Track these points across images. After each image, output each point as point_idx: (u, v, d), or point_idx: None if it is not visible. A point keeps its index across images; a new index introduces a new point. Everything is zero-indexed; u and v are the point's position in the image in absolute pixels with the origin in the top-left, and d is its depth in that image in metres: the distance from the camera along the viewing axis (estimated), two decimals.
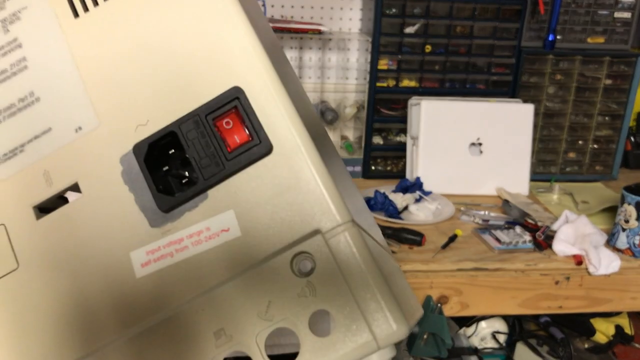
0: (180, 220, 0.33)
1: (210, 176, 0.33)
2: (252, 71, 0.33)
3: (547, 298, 1.13)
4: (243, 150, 0.33)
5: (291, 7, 1.49)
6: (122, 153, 0.34)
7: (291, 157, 0.32)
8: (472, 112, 1.42)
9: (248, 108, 0.33)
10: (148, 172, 0.34)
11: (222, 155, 0.32)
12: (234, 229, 0.32)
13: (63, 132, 0.36)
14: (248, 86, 0.33)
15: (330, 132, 1.57)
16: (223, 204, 0.33)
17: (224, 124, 0.33)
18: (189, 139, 0.33)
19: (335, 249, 0.31)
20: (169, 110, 0.34)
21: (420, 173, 1.40)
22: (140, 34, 0.35)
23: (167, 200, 0.33)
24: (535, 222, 1.24)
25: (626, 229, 1.14)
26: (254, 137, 0.32)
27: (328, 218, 0.31)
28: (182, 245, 0.33)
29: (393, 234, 1.15)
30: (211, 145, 0.33)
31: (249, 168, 0.33)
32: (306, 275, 0.31)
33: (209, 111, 0.33)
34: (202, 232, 0.33)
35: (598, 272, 1.10)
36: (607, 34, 1.52)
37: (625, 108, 1.53)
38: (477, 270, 1.09)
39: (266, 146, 0.32)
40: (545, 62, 1.48)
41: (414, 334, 1.10)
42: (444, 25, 1.44)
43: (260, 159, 0.33)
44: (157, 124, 0.34)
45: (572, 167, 1.58)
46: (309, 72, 1.53)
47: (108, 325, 0.32)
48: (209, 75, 0.34)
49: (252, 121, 0.32)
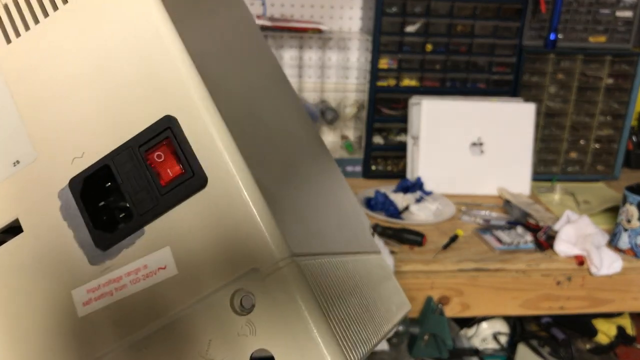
0: (119, 258, 0.32)
1: (145, 212, 0.31)
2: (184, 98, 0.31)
3: (549, 298, 1.12)
4: (176, 184, 0.31)
5: (291, 6, 1.49)
6: (60, 187, 0.33)
7: (227, 191, 0.30)
8: (473, 112, 1.41)
9: (181, 139, 0.31)
10: (85, 207, 0.33)
11: (155, 189, 0.31)
12: (170, 266, 0.31)
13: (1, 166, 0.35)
14: (182, 115, 0.31)
15: (331, 132, 1.56)
16: (159, 241, 0.31)
17: (155, 157, 0.31)
18: (122, 172, 0.32)
19: (273, 286, 0.30)
20: (103, 142, 0.32)
21: (421, 173, 1.40)
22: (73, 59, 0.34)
23: (104, 237, 0.32)
24: (536, 222, 1.24)
25: (628, 229, 1.13)
26: (187, 170, 0.31)
27: (266, 254, 0.30)
28: (121, 283, 0.32)
29: (394, 234, 1.14)
30: (144, 179, 0.31)
31: (184, 203, 0.31)
32: (246, 313, 0.30)
33: (140, 143, 0.31)
34: (139, 270, 0.32)
35: (600, 272, 1.09)
36: (609, 33, 1.51)
37: (627, 107, 1.53)
38: (478, 270, 1.08)
39: (200, 179, 0.30)
40: (546, 62, 1.48)
41: (414, 335, 1.10)
42: (445, 24, 1.44)
43: (194, 193, 0.31)
44: (92, 156, 0.32)
45: (573, 167, 1.57)
46: (309, 72, 1.53)
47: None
48: (141, 103, 0.32)
49: (185, 153, 0.31)
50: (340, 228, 0.46)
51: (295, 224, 0.35)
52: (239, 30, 0.46)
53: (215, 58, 0.37)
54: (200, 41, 0.35)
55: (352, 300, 0.37)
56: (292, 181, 0.39)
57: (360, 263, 0.45)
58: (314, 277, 0.33)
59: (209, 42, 0.38)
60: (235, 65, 0.41)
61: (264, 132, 0.39)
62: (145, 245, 0.32)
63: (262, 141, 0.37)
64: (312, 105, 1.50)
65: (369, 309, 0.41)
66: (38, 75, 0.35)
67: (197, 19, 0.38)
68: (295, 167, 0.42)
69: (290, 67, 1.51)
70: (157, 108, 0.32)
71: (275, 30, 1.42)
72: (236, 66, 0.41)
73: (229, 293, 0.30)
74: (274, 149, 0.39)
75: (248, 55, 0.46)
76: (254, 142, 0.35)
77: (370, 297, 0.42)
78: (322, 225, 0.41)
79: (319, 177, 0.47)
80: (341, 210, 0.49)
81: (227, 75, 0.37)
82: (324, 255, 0.37)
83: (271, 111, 0.43)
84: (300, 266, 0.31)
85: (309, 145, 0.49)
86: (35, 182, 0.34)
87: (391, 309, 0.46)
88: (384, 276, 0.50)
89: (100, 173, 0.33)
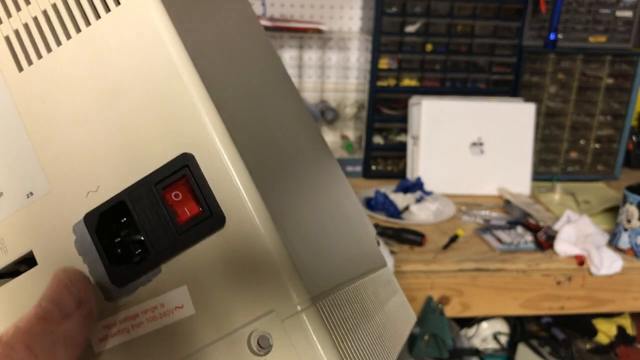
0: (135, 295, 0.32)
1: (162, 250, 0.31)
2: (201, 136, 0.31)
3: (549, 298, 1.12)
4: (194, 223, 0.30)
5: (291, 6, 1.49)
6: (75, 221, 0.33)
7: (245, 231, 0.30)
8: (473, 112, 1.41)
9: (199, 177, 0.30)
10: (100, 243, 0.32)
11: (173, 228, 0.31)
12: (187, 305, 0.31)
13: (15, 198, 0.34)
14: (199, 152, 0.31)
15: (331, 132, 1.56)
16: (176, 279, 0.31)
17: (172, 196, 0.31)
18: (139, 209, 0.31)
19: (291, 329, 0.29)
20: (119, 177, 0.32)
21: (421, 173, 1.40)
22: (84, 90, 0.33)
23: (120, 274, 0.32)
24: (536, 222, 1.24)
25: (628, 229, 1.13)
26: (205, 209, 0.30)
27: (284, 298, 0.30)
28: (138, 321, 0.32)
29: (394, 234, 1.14)
30: (162, 217, 0.31)
31: (202, 242, 0.31)
32: (264, 354, 0.30)
33: (157, 180, 0.31)
34: (156, 308, 0.31)
35: (600, 272, 1.09)
36: (609, 33, 1.51)
37: (627, 107, 1.52)
38: (478, 270, 1.08)
39: (218, 219, 0.30)
40: (546, 61, 1.48)
41: (414, 335, 1.09)
42: (445, 24, 1.44)
43: (212, 232, 0.30)
44: (107, 191, 0.32)
45: (573, 167, 1.57)
46: (309, 72, 1.53)
47: None
48: (158, 138, 0.31)
49: (203, 191, 0.30)
50: (350, 247, 0.45)
51: (311, 259, 0.34)
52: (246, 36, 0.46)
53: (228, 81, 0.36)
54: (214, 67, 0.35)
55: (363, 331, 0.37)
56: (303, 204, 0.38)
57: (369, 284, 0.44)
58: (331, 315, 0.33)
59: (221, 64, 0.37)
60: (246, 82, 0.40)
61: (275, 155, 0.38)
62: (162, 284, 0.32)
63: (274, 165, 0.37)
64: (312, 105, 1.50)
65: (380, 335, 0.41)
66: (50, 105, 0.34)
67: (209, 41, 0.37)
68: (305, 186, 0.41)
69: (290, 67, 1.51)
70: (174, 143, 0.32)
71: (275, 30, 1.42)
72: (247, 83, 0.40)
73: (246, 333, 0.30)
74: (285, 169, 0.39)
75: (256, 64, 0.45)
76: (268, 171, 0.35)
77: (380, 322, 0.42)
78: (334, 250, 0.40)
79: (327, 192, 0.46)
80: (349, 224, 0.48)
81: (240, 98, 0.37)
82: (338, 287, 0.36)
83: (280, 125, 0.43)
84: (320, 309, 0.31)
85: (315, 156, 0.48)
86: (49, 215, 0.34)
87: (399, 329, 0.46)
88: (391, 292, 0.50)
89: (116, 208, 0.33)
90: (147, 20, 0.33)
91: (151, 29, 0.33)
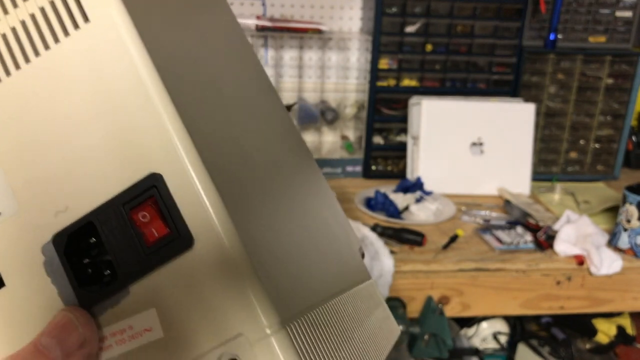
0: (104, 317, 0.31)
1: (130, 271, 0.31)
2: (170, 156, 0.30)
3: (549, 298, 1.12)
4: (162, 245, 0.30)
5: (291, 7, 1.49)
6: (44, 241, 0.32)
7: (214, 253, 0.29)
8: (473, 112, 1.41)
9: (166, 198, 0.30)
10: (69, 264, 0.32)
11: (140, 249, 0.30)
12: (156, 328, 0.30)
13: None
14: (167, 172, 0.30)
15: (331, 132, 1.56)
16: (145, 302, 0.30)
17: (140, 217, 0.30)
18: (106, 230, 0.31)
19: (260, 354, 0.29)
20: (88, 197, 0.31)
21: (421, 173, 1.40)
22: (53, 110, 0.33)
23: (88, 296, 0.32)
24: (536, 222, 1.24)
25: (628, 229, 1.13)
26: (173, 230, 0.29)
27: (253, 321, 0.29)
28: (107, 343, 0.31)
29: (394, 234, 1.15)
30: (129, 239, 0.30)
31: (170, 263, 0.30)
32: None
33: (125, 200, 0.30)
34: (125, 331, 0.31)
35: (600, 272, 1.09)
36: (609, 33, 1.51)
37: (627, 107, 1.53)
38: (478, 270, 1.08)
39: (186, 240, 0.29)
40: (546, 62, 1.48)
41: (414, 335, 1.10)
42: (445, 25, 1.44)
43: (180, 253, 0.30)
44: (76, 211, 0.31)
45: (573, 167, 1.57)
46: (309, 72, 1.53)
47: None
48: (127, 159, 0.31)
49: (171, 212, 0.30)
50: (329, 264, 0.44)
51: (285, 280, 0.34)
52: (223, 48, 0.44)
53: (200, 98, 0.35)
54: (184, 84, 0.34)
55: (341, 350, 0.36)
56: (279, 222, 0.38)
57: (349, 300, 0.43)
58: (305, 337, 0.32)
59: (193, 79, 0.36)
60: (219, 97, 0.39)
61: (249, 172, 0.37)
62: (131, 306, 0.31)
63: (247, 183, 0.36)
64: (312, 105, 1.50)
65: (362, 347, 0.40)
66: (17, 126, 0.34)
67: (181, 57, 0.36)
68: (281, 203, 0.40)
69: (290, 67, 1.51)
70: (142, 163, 0.31)
71: (275, 30, 1.42)
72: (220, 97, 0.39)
73: (215, 357, 0.30)
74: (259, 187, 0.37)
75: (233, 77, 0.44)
76: (240, 190, 0.34)
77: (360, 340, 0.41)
78: (312, 269, 0.40)
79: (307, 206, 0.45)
80: (330, 239, 0.47)
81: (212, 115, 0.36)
82: (316, 306, 0.36)
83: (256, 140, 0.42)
84: (290, 332, 0.30)
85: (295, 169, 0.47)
86: (17, 235, 0.34)
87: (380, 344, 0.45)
88: (373, 306, 0.49)
89: (84, 229, 0.32)
90: (114, 37, 0.32)
91: (119, 47, 0.32)
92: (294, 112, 1.48)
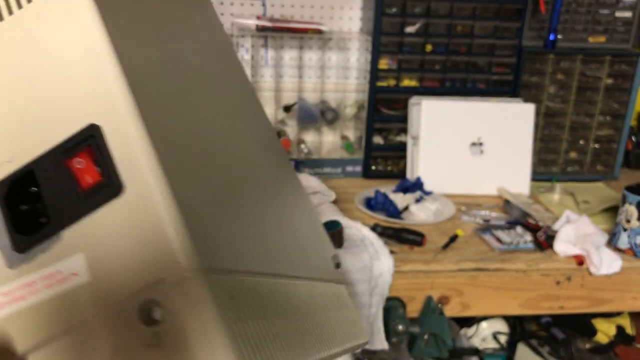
0: (35, 262, 0.32)
1: (62, 216, 0.32)
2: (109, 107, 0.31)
3: (548, 298, 1.12)
4: (94, 191, 0.31)
5: (291, 7, 1.49)
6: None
7: (142, 199, 0.30)
8: (472, 112, 1.41)
9: (102, 147, 0.31)
10: (8, 211, 0.33)
11: (73, 195, 0.31)
12: (83, 273, 0.31)
13: None
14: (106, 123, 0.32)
15: (331, 132, 1.56)
16: (75, 247, 0.31)
17: (75, 164, 0.32)
18: (45, 178, 0.32)
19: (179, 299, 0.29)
20: (32, 147, 0.32)
21: (420, 173, 1.40)
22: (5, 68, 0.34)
23: (22, 240, 0.32)
24: (536, 222, 1.24)
25: (627, 229, 1.13)
26: (105, 177, 0.31)
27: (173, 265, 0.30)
28: (35, 287, 0.32)
29: (394, 234, 1.15)
30: (64, 185, 0.32)
31: (101, 210, 0.31)
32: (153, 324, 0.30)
33: (64, 149, 0.32)
34: (53, 275, 0.32)
35: (599, 272, 1.09)
36: (608, 33, 1.51)
37: (627, 107, 1.53)
38: (478, 270, 1.09)
39: (116, 187, 0.31)
40: (546, 62, 1.48)
41: (414, 335, 1.10)
42: (445, 25, 1.44)
43: (110, 199, 0.31)
44: (20, 161, 0.33)
45: (573, 167, 1.57)
46: (309, 72, 1.53)
47: None
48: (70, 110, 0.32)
49: (106, 161, 0.31)
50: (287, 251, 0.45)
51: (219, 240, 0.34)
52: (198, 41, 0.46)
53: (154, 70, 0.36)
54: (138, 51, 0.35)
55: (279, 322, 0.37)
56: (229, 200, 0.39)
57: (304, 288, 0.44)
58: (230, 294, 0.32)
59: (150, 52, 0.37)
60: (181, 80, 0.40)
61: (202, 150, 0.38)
62: (61, 251, 0.32)
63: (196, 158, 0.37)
64: (312, 105, 1.50)
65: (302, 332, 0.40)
66: None
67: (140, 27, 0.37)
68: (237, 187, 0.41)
69: (290, 67, 1.52)
70: (84, 115, 0.32)
71: (275, 30, 1.42)
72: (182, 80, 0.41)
73: (136, 302, 0.30)
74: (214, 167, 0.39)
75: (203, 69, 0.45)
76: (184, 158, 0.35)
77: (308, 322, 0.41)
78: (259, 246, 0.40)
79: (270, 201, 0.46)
80: (295, 235, 0.48)
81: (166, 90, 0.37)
82: (253, 275, 0.36)
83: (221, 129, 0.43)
84: (211, 281, 0.30)
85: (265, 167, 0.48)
86: None
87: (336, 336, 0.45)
88: (335, 306, 0.49)
89: (27, 178, 0.33)
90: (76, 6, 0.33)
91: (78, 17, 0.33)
92: (294, 112, 1.48)
